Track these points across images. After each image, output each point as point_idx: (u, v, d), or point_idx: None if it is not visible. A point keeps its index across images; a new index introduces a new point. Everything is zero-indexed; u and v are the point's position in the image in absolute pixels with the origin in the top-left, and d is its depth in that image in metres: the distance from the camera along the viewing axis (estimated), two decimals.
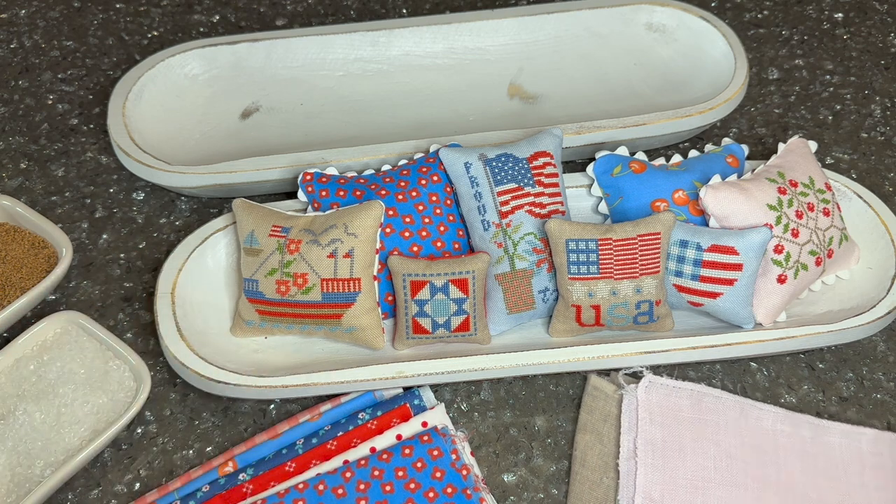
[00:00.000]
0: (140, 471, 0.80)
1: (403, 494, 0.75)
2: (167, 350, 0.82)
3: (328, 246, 0.81)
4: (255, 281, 0.82)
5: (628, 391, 0.81)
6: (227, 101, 1.04)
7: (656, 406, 0.81)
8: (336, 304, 0.81)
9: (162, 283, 0.85)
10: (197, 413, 0.83)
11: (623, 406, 0.81)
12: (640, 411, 0.80)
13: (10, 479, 0.76)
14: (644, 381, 0.82)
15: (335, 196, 0.87)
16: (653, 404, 0.81)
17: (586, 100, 1.04)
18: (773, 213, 0.83)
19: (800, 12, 1.16)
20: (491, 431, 0.82)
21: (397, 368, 0.81)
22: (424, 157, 0.90)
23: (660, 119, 0.95)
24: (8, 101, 1.06)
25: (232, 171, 0.92)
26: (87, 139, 1.02)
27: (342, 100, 1.05)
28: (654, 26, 1.07)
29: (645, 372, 0.82)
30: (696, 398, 0.82)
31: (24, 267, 0.88)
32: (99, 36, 1.13)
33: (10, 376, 0.81)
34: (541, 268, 0.84)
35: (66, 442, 0.78)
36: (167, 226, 0.95)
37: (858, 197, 0.92)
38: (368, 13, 1.16)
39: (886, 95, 1.07)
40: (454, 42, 1.07)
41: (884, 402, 0.84)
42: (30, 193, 0.97)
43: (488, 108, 1.04)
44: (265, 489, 0.77)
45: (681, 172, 0.87)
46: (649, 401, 0.81)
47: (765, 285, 0.84)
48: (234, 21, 1.15)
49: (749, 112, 1.05)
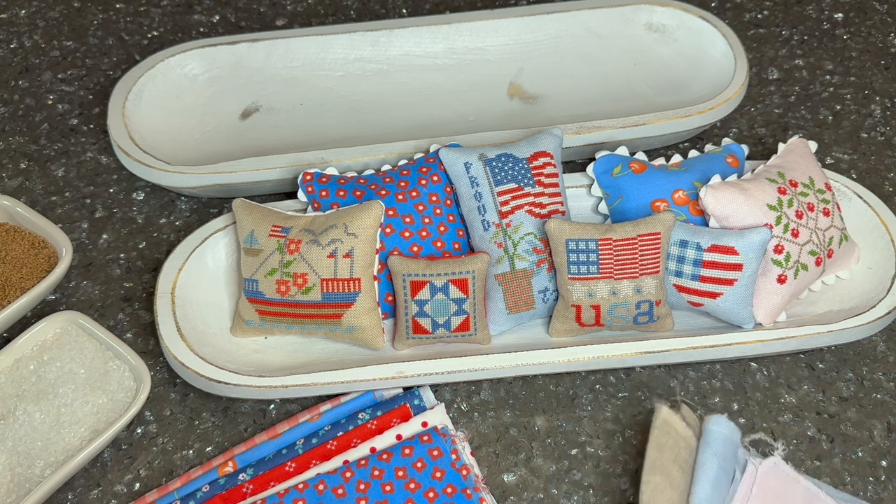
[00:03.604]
0: (140, 471, 0.80)
1: (403, 494, 0.75)
2: (167, 350, 0.82)
3: (328, 246, 0.81)
4: (255, 281, 0.82)
5: (752, 462, 0.75)
6: (227, 102, 1.04)
7: (770, 489, 0.74)
8: (336, 304, 0.81)
9: (162, 283, 0.85)
10: (197, 413, 0.83)
11: (742, 475, 0.74)
12: (755, 489, 0.74)
13: (10, 479, 0.76)
14: (771, 460, 0.75)
15: (335, 196, 0.87)
16: (769, 487, 0.74)
17: (586, 100, 1.04)
18: (773, 213, 0.83)
19: (800, 12, 1.16)
20: (491, 431, 0.82)
21: (397, 368, 0.81)
22: (424, 157, 0.90)
23: (660, 119, 0.95)
24: (8, 101, 1.06)
25: (232, 171, 0.92)
26: (87, 139, 1.02)
27: (342, 100, 1.05)
28: (654, 26, 1.07)
29: (776, 451, 0.76)
30: (809, 499, 0.75)
31: (24, 267, 0.88)
32: (99, 36, 1.13)
33: (9, 376, 0.81)
34: (541, 268, 0.84)
35: (66, 442, 0.78)
36: (167, 226, 0.95)
37: (858, 197, 0.92)
38: (368, 13, 1.16)
39: (886, 95, 1.07)
40: (454, 42, 1.07)
41: (884, 402, 0.84)
42: (30, 193, 0.97)
43: (488, 108, 1.04)
44: (265, 489, 0.77)
45: (681, 172, 0.87)
46: (768, 483, 0.75)
47: (765, 285, 0.84)
48: (234, 21, 1.15)
49: (749, 112, 1.05)
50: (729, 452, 0.75)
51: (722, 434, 0.75)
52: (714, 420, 0.75)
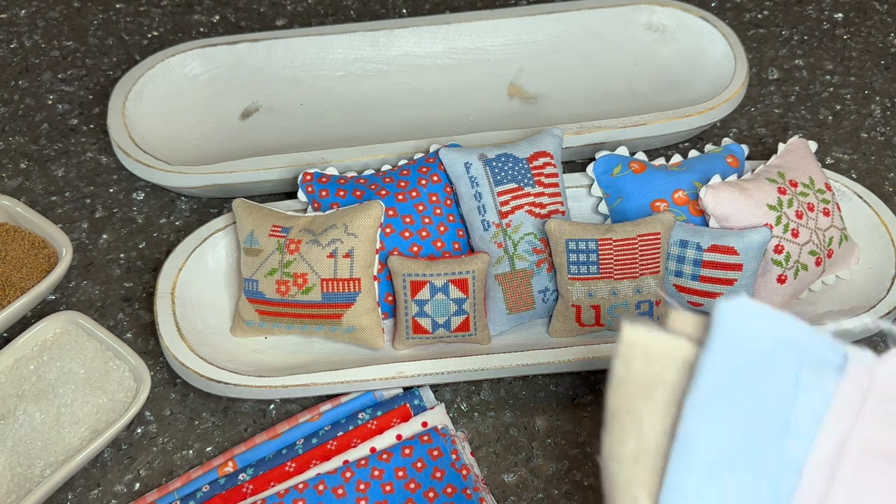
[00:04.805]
0: (140, 471, 0.80)
1: (403, 494, 0.75)
2: (167, 350, 0.82)
3: (328, 246, 0.81)
4: (255, 281, 0.82)
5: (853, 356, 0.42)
6: (227, 101, 1.04)
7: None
8: (336, 304, 0.81)
9: (162, 283, 0.85)
10: (197, 413, 0.83)
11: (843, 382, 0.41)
12: (871, 396, 0.41)
13: (10, 479, 0.76)
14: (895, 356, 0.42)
15: (335, 196, 0.87)
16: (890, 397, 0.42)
17: (586, 100, 1.04)
18: (773, 213, 0.83)
19: (800, 12, 1.16)
20: (491, 431, 0.82)
21: (397, 368, 0.81)
22: (424, 157, 0.90)
23: (660, 119, 0.95)
24: (8, 101, 1.06)
25: (232, 171, 0.92)
26: (87, 139, 1.02)
27: (342, 100, 1.05)
28: (654, 26, 1.07)
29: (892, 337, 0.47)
30: None
31: (24, 267, 0.88)
32: (99, 36, 1.13)
33: (9, 376, 0.81)
34: (541, 268, 0.84)
35: (66, 442, 0.78)
36: (167, 226, 0.95)
37: (858, 197, 0.92)
38: (368, 13, 1.16)
39: (886, 95, 1.07)
40: (454, 42, 1.07)
41: None
42: (30, 193, 0.97)
43: (488, 108, 1.04)
44: (265, 489, 0.77)
45: (681, 172, 0.87)
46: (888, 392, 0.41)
47: (765, 285, 0.84)
48: (234, 21, 1.15)
49: (749, 112, 1.05)
50: (772, 350, 0.41)
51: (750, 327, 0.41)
52: (727, 309, 0.41)
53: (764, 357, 0.40)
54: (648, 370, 0.43)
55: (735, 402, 0.40)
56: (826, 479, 0.39)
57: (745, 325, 0.40)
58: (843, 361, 0.41)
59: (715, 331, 0.40)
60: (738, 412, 0.40)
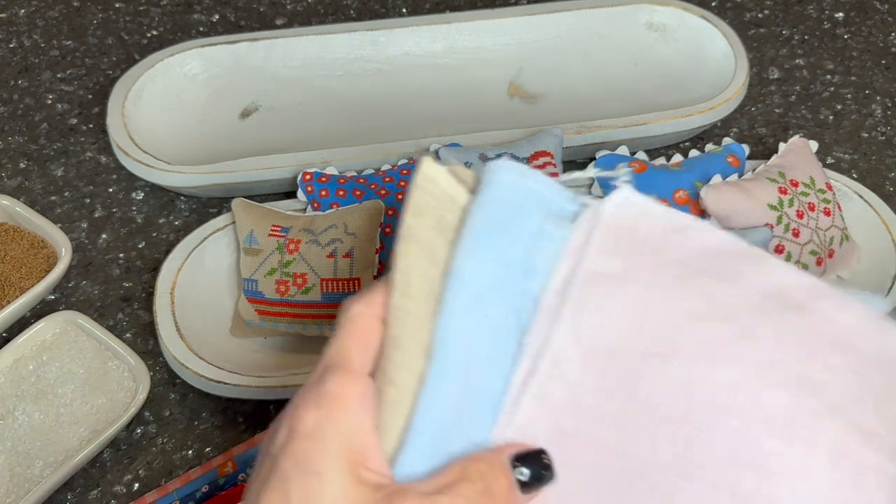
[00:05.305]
0: (139, 471, 0.79)
1: None
2: (166, 350, 0.82)
3: (328, 246, 0.81)
4: (254, 281, 0.82)
5: (588, 203, 0.48)
6: (227, 101, 1.04)
7: (624, 231, 0.47)
8: (336, 304, 0.81)
9: (161, 283, 0.85)
10: (196, 413, 0.83)
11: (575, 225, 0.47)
12: (596, 235, 0.47)
13: (10, 479, 0.76)
14: (620, 194, 0.48)
15: (335, 196, 0.87)
16: (619, 228, 0.47)
17: (586, 100, 1.04)
18: (773, 212, 0.83)
19: (800, 12, 1.16)
20: None
21: None
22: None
23: (660, 119, 0.95)
24: (7, 100, 1.06)
25: (231, 171, 0.92)
26: (86, 139, 1.02)
27: (342, 100, 1.05)
28: (655, 26, 1.07)
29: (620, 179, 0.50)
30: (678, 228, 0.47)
31: (24, 267, 0.88)
32: (98, 36, 1.13)
33: (9, 376, 0.81)
34: None
35: (66, 442, 0.78)
36: (167, 226, 0.95)
37: (859, 197, 0.92)
38: (368, 13, 1.16)
39: (887, 95, 1.07)
40: (454, 42, 1.07)
41: None
42: (29, 193, 0.97)
43: (488, 108, 1.04)
44: None
45: (681, 172, 0.87)
46: (618, 223, 0.48)
47: None
48: (234, 21, 1.15)
49: (749, 112, 1.05)
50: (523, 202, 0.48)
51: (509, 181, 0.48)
52: (495, 166, 0.48)
53: (516, 208, 0.48)
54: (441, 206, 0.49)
55: (492, 245, 0.47)
56: (557, 303, 0.46)
57: (506, 179, 0.48)
58: (579, 210, 0.48)
59: (484, 183, 0.48)
60: (494, 254, 0.47)
